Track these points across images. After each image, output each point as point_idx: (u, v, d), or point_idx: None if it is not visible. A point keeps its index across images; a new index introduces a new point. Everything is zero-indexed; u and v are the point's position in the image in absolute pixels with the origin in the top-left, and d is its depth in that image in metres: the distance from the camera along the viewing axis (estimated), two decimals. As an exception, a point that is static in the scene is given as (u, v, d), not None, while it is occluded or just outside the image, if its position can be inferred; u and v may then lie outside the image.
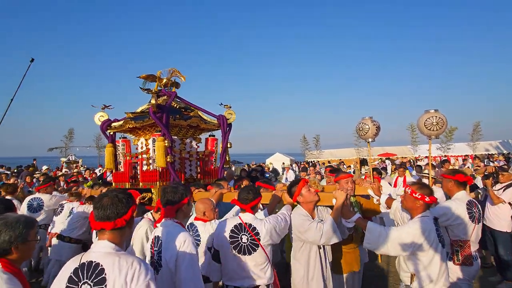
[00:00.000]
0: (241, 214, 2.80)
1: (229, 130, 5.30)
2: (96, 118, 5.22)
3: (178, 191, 2.40)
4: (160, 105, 4.39)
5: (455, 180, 3.34)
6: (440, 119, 5.00)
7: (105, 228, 1.71)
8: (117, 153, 5.37)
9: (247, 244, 2.65)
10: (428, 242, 2.52)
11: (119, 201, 1.75)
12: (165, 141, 4.38)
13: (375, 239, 2.61)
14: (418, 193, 2.65)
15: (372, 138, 6.94)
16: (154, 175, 4.54)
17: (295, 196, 3.00)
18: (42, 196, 5.63)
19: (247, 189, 2.88)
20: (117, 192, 1.81)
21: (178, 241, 2.17)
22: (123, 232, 1.79)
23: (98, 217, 1.74)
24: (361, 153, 34.50)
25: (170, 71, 5.29)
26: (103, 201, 1.75)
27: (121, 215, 1.74)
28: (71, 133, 31.97)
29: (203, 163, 5.39)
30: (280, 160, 30.33)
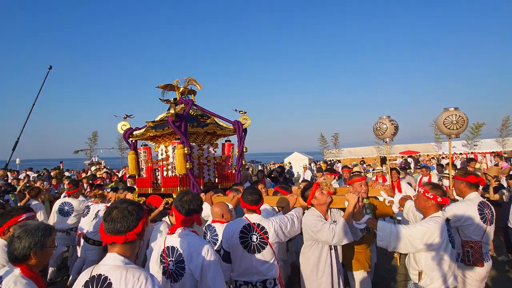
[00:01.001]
0: (248, 215, 2.95)
1: (244, 135, 5.47)
2: (119, 127, 5.49)
3: (198, 199, 2.49)
4: (179, 114, 4.59)
5: (466, 182, 3.37)
6: (460, 117, 4.88)
7: (116, 242, 1.70)
8: (139, 159, 5.63)
9: (256, 243, 2.83)
10: (439, 242, 2.57)
11: (129, 213, 1.72)
12: (184, 148, 4.58)
13: (386, 237, 2.69)
14: (430, 193, 2.71)
15: (390, 138, 6.76)
16: (175, 180, 4.75)
17: (309, 199, 3.16)
18: (72, 201, 5.97)
19: (250, 191, 3.00)
20: (127, 203, 1.77)
21: (203, 251, 2.28)
22: (134, 245, 1.78)
23: (108, 230, 1.71)
24: (382, 151, 33.76)
25: (187, 80, 5.50)
26: (112, 214, 1.72)
27: (132, 228, 1.71)
28: (95, 136, 33.15)
29: (220, 168, 5.57)
30: (298, 160, 30.10)
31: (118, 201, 1.82)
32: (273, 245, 2.85)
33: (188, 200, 2.44)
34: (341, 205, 3.21)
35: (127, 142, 5.53)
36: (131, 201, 1.83)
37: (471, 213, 3.22)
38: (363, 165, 23.78)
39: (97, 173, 16.93)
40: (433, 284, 2.61)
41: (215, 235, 3.34)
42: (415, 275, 2.73)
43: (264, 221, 2.91)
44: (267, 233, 2.85)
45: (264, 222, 2.90)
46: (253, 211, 2.95)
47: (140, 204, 1.84)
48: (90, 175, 14.06)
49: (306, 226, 3.05)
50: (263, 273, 2.82)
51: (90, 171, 18.53)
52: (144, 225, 1.78)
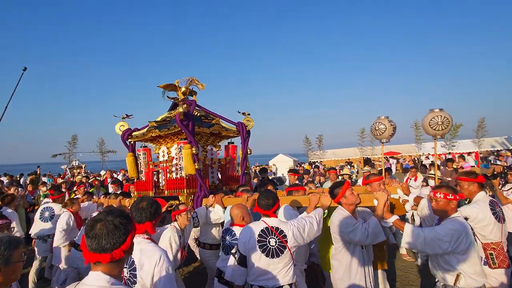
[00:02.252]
0: (265, 218, 2.85)
1: (248, 137, 5.34)
2: (117, 128, 5.23)
3: (153, 207, 2.39)
4: (187, 113, 4.42)
5: (477, 183, 3.33)
6: (445, 119, 4.94)
7: (101, 261, 1.46)
8: (139, 162, 5.38)
9: (275, 247, 2.72)
10: (467, 241, 2.56)
11: (116, 228, 1.48)
12: (192, 148, 4.40)
13: (414, 240, 2.66)
14: (451, 195, 2.70)
15: (388, 139, 6.81)
16: (181, 182, 4.56)
17: (339, 197, 3.07)
18: (54, 205, 5.55)
19: (265, 195, 2.90)
20: (113, 215, 1.52)
21: (154, 259, 2.13)
22: (121, 263, 1.56)
23: (91, 248, 1.46)
24: (365, 152, 34.45)
25: (189, 80, 5.32)
26: (96, 228, 1.47)
27: (119, 245, 1.48)
28: (74, 139, 32.01)
29: (224, 170, 5.43)
30: (283, 161, 30.18)
31: (103, 212, 1.56)
32: (291, 249, 2.76)
33: (141, 208, 2.35)
34: (370, 204, 3.17)
35: (125, 144, 5.28)
36: (118, 212, 1.56)
37: (485, 213, 3.18)
38: (348, 166, 24.16)
39: (76, 177, 16.31)
40: (471, 284, 2.57)
41: (235, 239, 3.21)
42: (451, 277, 2.66)
43: (283, 225, 2.82)
44: (286, 237, 2.75)
45: (282, 225, 2.81)
46: (267, 216, 2.85)
47: (128, 215, 1.60)
48: (68, 181, 13.44)
49: (336, 227, 2.97)
50: (279, 278, 2.73)
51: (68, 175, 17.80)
52: (132, 238, 1.56)
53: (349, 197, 3.04)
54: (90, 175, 17.61)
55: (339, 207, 3.12)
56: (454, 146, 30.09)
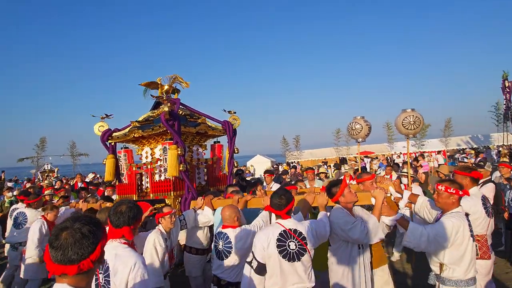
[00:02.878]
0: (281, 221, 2.71)
1: (234, 136, 5.23)
2: (95, 129, 4.98)
3: (132, 211, 2.28)
4: (173, 112, 4.25)
5: (470, 177, 3.43)
6: (417, 118, 5.15)
7: (68, 273, 1.32)
8: (120, 164, 5.14)
9: (295, 251, 2.60)
10: (463, 236, 2.63)
11: (84, 237, 1.34)
12: (178, 149, 4.22)
13: (416, 239, 2.69)
14: (452, 188, 2.74)
15: (364, 138, 7.04)
16: (167, 185, 4.37)
17: (337, 196, 3.01)
18: (28, 211, 5.18)
19: (279, 194, 2.78)
20: (81, 223, 1.38)
21: (129, 264, 2.02)
22: (90, 274, 1.43)
23: (56, 259, 1.32)
24: (340, 152, 35.28)
25: (172, 78, 5.15)
26: (61, 238, 1.33)
27: (87, 255, 1.34)
28: (43, 142, 30.34)
29: (211, 170, 5.29)
30: (261, 162, 30.32)
31: (69, 219, 1.41)
32: (311, 251, 2.68)
33: (119, 212, 2.23)
34: (367, 202, 3.16)
35: (104, 145, 5.02)
36: (87, 218, 1.42)
37: (478, 207, 3.30)
38: (325, 166, 24.65)
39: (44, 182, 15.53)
40: (454, 275, 2.66)
41: (229, 243, 3.10)
42: (437, 267, 2.77)
43: (300, 226, 2.70)
44: (306, 239, 2.65)
45: (300, 227, 2.69)
46: (278, 217, 2.73)
47: (98, 221, 1.48)
48: (37, 186, 12.77)
49: (335, 225, 2.91)
50: (301, 282, 2.62)
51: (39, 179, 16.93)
52: (103, 248, 1.43)
53: (347, 195, 2.99)
54: (63, 178, 16.84)
55: (337, 206, 3.08)
56: (424, 145, 31.49)
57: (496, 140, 28.95)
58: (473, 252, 2.71)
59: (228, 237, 3.13)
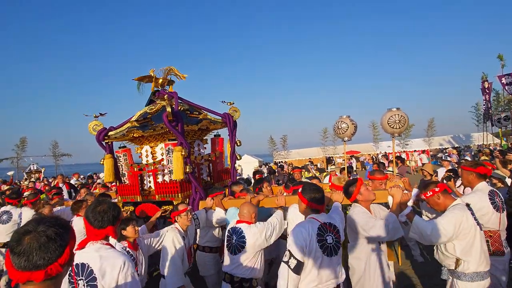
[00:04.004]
0: (315, 215, 2.64)
1: (235, 128, 5.04)
2: (90, 128, 4.71)
3: (115, 210, 2.20)
4: (175, 112, 4.07)
5: (476, 173, 3.44)
6: (402, 117, 5.24)
7: (34, 280, 1.22)
8: (119, 164, 4.91)
9: (332, 245, 2.56)
10: (468, 226, 2.67)
11: (49, 240, 1.25)
12: (182, 150, 4.05)
13: (421, 231, 2.75)
14: (428, 192, 2.86)
15: (349, 138, 7.11)
16: (174, 186, 4.19)
17: (355, 195, 3.02)
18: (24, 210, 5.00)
19: (314, 187, 2.71)
20: (46, 225, 1.28)
21: (117, 265, 1.94)
22: (59, 279, 1.33)
23: (20, 266, 1.21)
24: (327, 151, 35.66)
25: (167, 70, 4.91)
26: (23, 243, 1.22)
27: (55, 259, 1.25)
28: (23, 142, 29.37)
29: (214, 165, 5.13)
30: (248, 162, 30.27)
31: (31, 221, 1.31)
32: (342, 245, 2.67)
33: (102, 211, 2.13)
34: (384, 200, 3.21)
35: (101, 145, 4.75)
36: (52, 220, 1.33)
37: (484, 203, 3.28)
38: (311, 165, 24.84)
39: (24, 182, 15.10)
40: (470, 268, 2.67)
41: (242, 237, 3.08)
42: (451, 262, 2.78)
43: (332, 219, 2.68)
44: (339, 232, 2.63)
45: (332, 220, 2.67)
46: (317, 211, 2.65)
47: (64, 221, 1.37)
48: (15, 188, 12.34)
49: (355, 223, 2.90)
50: (338, 277, 2.57)
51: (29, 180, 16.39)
52: (71, 251, 1.34)
53: (364, 193, 3.01)
54: (44, 179, 16.36)
55: (355, 205, 3.08)
56: (407, 144, 32.17)
57: (476, 139, 29.89)
58: (482, 242, 2.73)
59: (242, 232, 3.11)
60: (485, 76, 23.06)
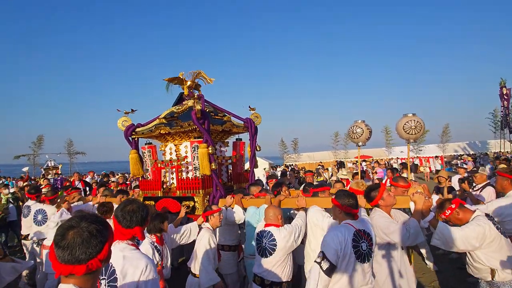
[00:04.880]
0: (350, 221, 2.64)
1: (256, 133, 5.21)
2: (119, 123, 4.91)
3: (144, 211, 2.19)
4: (203, 111, 4.22)
5: (511, 179, 3.54)
6: (418, 123, 5.16)
7: (75, 273, 1.28)
8: (144, 159, 5.08)
9: (366, 251, 2.59)
10: (491, 235, 2.70)
11: (91, 236, 1.31)
12: (208, 148, 4.23)
13: (445, 238, 2.77)
14: (447, 209, 2.92)
15: (364, 142, 7.04)
16: (196, 182, 4.35)
17: (377, 199, 3.04)
18: (47, 208, 5.17)
19: (347, 193, 2.73)
20: (88, 221, 1.35)
21: (140, 266, 1.94)
22: (96, 274, 1.39)
23: (63, 259, 1.28)
24: (338, 155, 35.36)
25: (195, 73, 5.11)
26: (67, 237, 1.29)
27: (95, 254, 1.31)
28: (40, 140, 30.13)
29: (233, 167, 5.28)
30: (259, 164, 30.28)
31: (74, 218, 1.37)
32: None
33: (131, 211, 2.13)
34: (405, 206, 3.23)
35: (128, 140, 4.94)
36: (93, 217, 1.40)
37: None
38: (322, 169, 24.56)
39: (40, 180, 15.43)
40: (507, 277, 2.69)
41: (273, 240, 3.13)
42: (487, 274, 2.80)
43: (367, 226, 2.71)
44: (372, 240, 2.65)
45: (367, 227, 2.69)
46: (352, 216, 2.69)
47: (105, 221, 1.45)
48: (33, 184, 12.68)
49: (377, 228, 2.91)
50: (366, 285, 2.59)
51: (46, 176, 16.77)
52: (110, 247, 1.41)
53: (387, 198, 3.02)
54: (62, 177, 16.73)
55: (376, 209, 3.10)
56: (421, 150, 31.57)
57: (493, 146, 29.13)
58: (509, 248, 2.76)
59: (272, 235, 3.16)
60: (504, 82, 22.51)
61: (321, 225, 3.33)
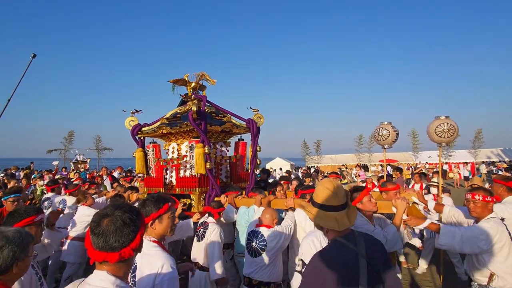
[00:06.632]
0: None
1: (258, 134, 5.24)
2: (126, 123, 5.18)
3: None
4: (200, 111, 4.37)
5: (507, 186, 3.57)
6: (451, 126, 4.93)
7: (109, 260, 1.33)
8: (148, 157, 5.31)
9: None
10: (501, 240, 2.64)
11: (125, 225, 1.35)
12: (204, 147, 4.37)
13: (450, 240, 2.71)
14: (489, 197, 2.82)
15: (390, 145, 6.77)
16: (193, 181, 4.51)
17: (355, 202, 2.99)
18: (68, 198, 5.45)
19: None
20: (122, 210, 1.39)
21: (155, 266, 1.91)
22: (129, 262, 1.43)
23: (98, 246, 1.33)
24: (362, 159, 34.52)
25: (199, 75, 5.28)
26: (102, 225, 1.34)
27: (128, 243, 1.35)
28: (71, 135, 31.58)
29: (234, 167, 5.37)
30: (280, 165, 30.14)
31: (110, 206, 1.44)
32: None
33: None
34: (387, 211, 3.19)
35: (134, 139, 5.21)
36: (127, 206, 1.44)
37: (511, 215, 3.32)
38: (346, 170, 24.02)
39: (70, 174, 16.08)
40: (506, 285, 2.63)
41: (263, 241, 3.20)
42: (484, 278, 2.74)
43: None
44: None
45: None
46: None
47: (138, 210, 1.48)
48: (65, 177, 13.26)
49: None
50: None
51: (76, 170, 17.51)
52: (142, 237, 1.44)
53: (365, 203, 2.96)
54: (92, 172, 17.42)
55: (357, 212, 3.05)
56: (451, 155, 30.22)
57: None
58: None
59: (262, 236, 3.23)
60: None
61: (303, 227, 3.39)
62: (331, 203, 1.76)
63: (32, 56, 5.79)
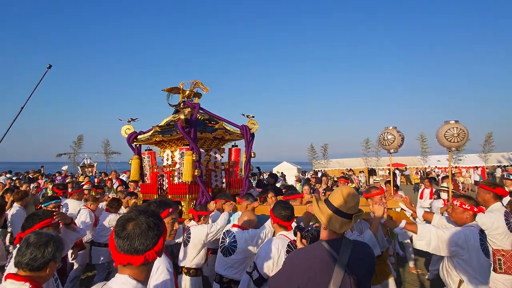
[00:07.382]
0: (285, 232, 2.71)
1: (252, 140, 5.31)
2: (122, 131, 5.31)
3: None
4: (189, 119, 4.46)
5: (494, 193, 3.48)
6: (461, 131, 4.88)
7: (133, 263, 1.35)
8: (143, 164, 5.44)
9: None
10: (470, 248, 2.63)
11: (149, 228, 1.37)
12: (193, 155, 4.43)
13: (426, 236, 2.72)
14: (467, 204, 2.80)
15: (396, 149, 6.72)
16: (183, 188, 4.56)
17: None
18: (69, 201, 5.56)
19: (283, 205, 2.77)
20: (146, 214, 1.41)
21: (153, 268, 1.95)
22: (150, 267, 1.46)
23: (123, 248, 1.35)
24: (369, 163, 34.18)
25: (193, 83, 5.40)
26: (128, 228, 1.36)
27: (152, 246, 1.38)
28: (80, 139, 32.09)
29: (228, 174, 5.42)
30: (287, 169, 29.98)
31: (134, 211, 1.46)
32: None
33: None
34: (365, 216, 3.16)
35: (130, 147, 5.35)
36: (150, 211, 1.47)
37: (499, 223, 3.33)
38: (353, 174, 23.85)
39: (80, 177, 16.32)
40: None
41: (234, 242, 3.21)
42: (453, 283, 2.75)
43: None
44: None
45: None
46: (285, 228, 2.73)
47: (160, 215, 1.52)
48: (75, 180, 13.48)
49: None
50: None
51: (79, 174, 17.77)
52: (164, 241, 1.47)
53: None
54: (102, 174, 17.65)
55: None
56: (461, 160, 29.72)
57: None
58: (483, 267, 2.68)
59: (234, 236, 3.24)
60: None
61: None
62: (347, 211, 1.84)
63: (48, 66, 5.87)
